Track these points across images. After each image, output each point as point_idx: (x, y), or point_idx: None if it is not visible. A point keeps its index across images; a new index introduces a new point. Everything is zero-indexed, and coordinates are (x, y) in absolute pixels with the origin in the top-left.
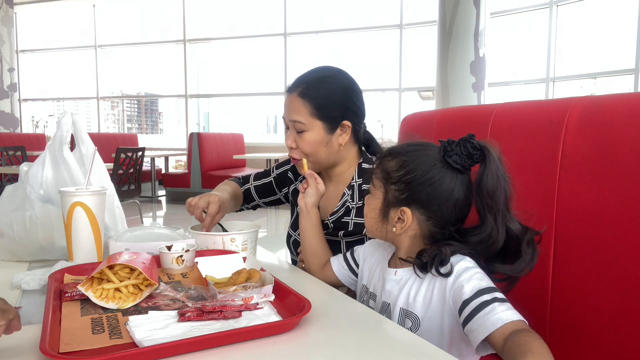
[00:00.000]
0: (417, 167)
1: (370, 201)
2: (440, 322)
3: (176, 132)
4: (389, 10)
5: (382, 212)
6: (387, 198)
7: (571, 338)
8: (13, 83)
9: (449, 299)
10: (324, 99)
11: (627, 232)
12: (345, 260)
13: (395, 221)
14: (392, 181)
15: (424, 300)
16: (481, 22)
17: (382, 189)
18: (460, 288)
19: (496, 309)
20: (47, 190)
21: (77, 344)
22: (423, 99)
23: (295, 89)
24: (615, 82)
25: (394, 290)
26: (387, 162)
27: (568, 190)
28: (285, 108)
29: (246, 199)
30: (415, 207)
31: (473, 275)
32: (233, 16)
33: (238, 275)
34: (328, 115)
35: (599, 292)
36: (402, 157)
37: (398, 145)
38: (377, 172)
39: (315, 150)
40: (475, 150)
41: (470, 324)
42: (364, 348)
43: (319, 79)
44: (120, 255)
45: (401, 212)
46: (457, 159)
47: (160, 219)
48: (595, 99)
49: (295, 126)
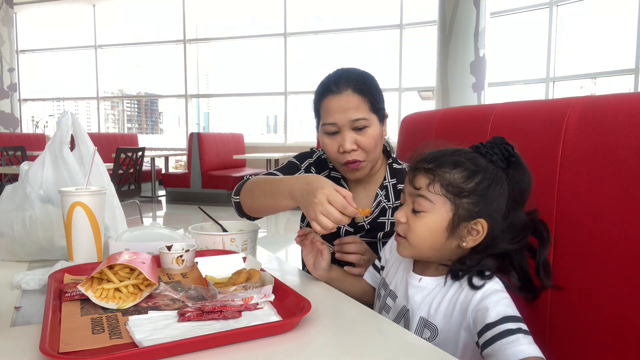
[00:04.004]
0: (484, 175)
1: (427, 221)
2: (456, 336)
3: (176, 132)
4: (389, 10)
5: (450, 229)
6: (457, 213)
7: (571, 338)
8: (13, 83)
9: (470, 317)
10: (376, 91)
11: (627, 232)
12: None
13: (464, 235)
14: (465, 195)
15: (445, 313)
16: (481, 22)
17: (449, 204)
18: (486, 310)
19: (520, 341)
20: (47, 190)
21: (77, 344)
22: (423, 99)
23: (345, 87)
24: (615, 82)
25: (416, 298)
26: (447, 175)
27: (568, 190)
28: (336, 110)
29: None
30: (486, 216)
31: (501, 300)
32: (233, 16)
33: (238, 275)
34: (380, 108)
35: (599, 292)
36: (465, 167)
37: (440, 155)
38: (434, 189)
39: (377, 145)
40: (513, 152)
41: (489, 349)
42: (363, 348)
43: (362, 76)
44: (120, 255)
45: (474, 224)
46: (500, 163)
47: (160, 219)
48: (595, 99)
49: (357, 124)
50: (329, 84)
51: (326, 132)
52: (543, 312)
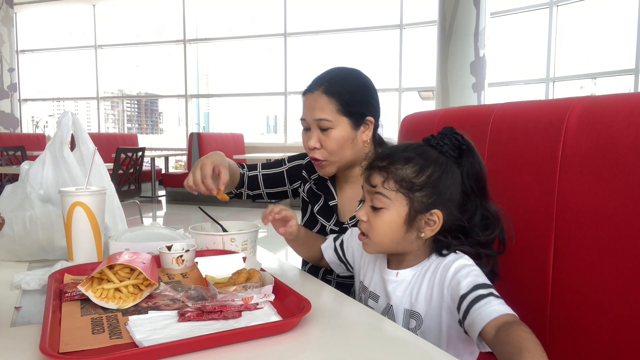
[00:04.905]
0: (435, 167)
1: (386, 217)
2: (438, 320)
3: (176, 132)
4: (389, 10)
5: (408, 223)
6: (413, 207)
7: (571, 338)
8: (13, 83)
9: (447, 295)
10: (349, 95)
11: (627, 232)
12: (335, 252)
13: (422, 227)
14: (417, 188)
15: (425, 298)
16: (481, 22)
17: (404, 199)
18: (458, 284)
19: (492, 302)
20: (47, 190)
21: (77, 344)
22: (423, 99)
23: (317, 87)
24: (615, 82)
25: (397, 292)
26: (399, 171)
27: (568, 190)
28: (306, 108)
29: (251, 185)
30: (441, 206)
31: (470, 272)
32: (233, 16)
33: (238, 275)
34: (354, 112)
35: (599, 292)
36: (415, 162)
37: (392, 153)
38: (389, 185)
39: (342, 148)
40: (463, 141)
41: (468, 317)
42: (364, 348)
43: (341, 77)
44: (120, 255)
45: (430, 215)
46: (451, 152)
47: (160, 219)
48: (595, 99)
49: (321, 124)
50: (311, 81)
51: (302, 126)
52: (543, 312)
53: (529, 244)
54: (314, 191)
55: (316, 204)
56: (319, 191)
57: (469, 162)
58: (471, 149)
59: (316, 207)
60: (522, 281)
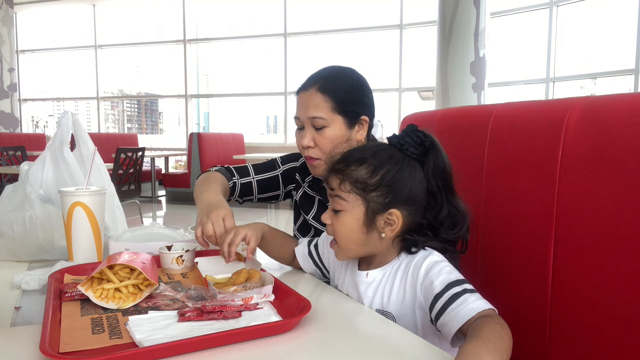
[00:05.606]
0: (389, 166)
1: (345, 219)
2: (413, 318)
3: (176, 132)
4: (389, 10)
5: (367, 224)
6: (370, 208)
7: (571, 338)
8: (13, 83)
9: (420, 295)
10: (344, 94)
11: (627, 232)
12: (309, 255)
13: (382, 227)
14: (372, 189)
15: (397, 298)
16: (481, 22)
17: (361, 200)
18: (431, 283)
19: (467, 300)
20: (47, 190)
21: (77, 344)
22: (423, 99)
23: (312, 85)
24: (615, 82)
25: (368, 293)
26: (353, 173)
27: (568, 190)
28: (300, 106)
29: (243, 192)
30: (399, 205)
31: (442, 269)
32: (233, 16)
33: (238, 276)
34: (349, 110)
35: (599, 292)
36: (369, 162)
37: (346, 156)
38: (345, 187)
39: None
40: (426, 138)
41: (442, 317)
42: (363, 348)
43: (335, 75)
44: (120, 255)
45: (389, 215)
46: (413, 150)
47: (160, 219)
48: (595, 99)
49: (315, 123)
50: (306, 79)
51: (296, 125)
52: (543, 312)
53: (529, 244)
54: (309, 195)
55: (310, 211)
56: (314, 191)
57: (433, 159)
58: (435, 145)
59: (310, 214)
60: (522, 281)
